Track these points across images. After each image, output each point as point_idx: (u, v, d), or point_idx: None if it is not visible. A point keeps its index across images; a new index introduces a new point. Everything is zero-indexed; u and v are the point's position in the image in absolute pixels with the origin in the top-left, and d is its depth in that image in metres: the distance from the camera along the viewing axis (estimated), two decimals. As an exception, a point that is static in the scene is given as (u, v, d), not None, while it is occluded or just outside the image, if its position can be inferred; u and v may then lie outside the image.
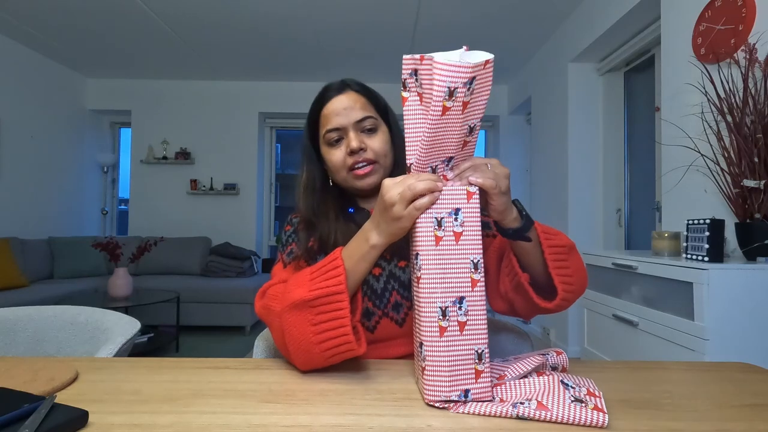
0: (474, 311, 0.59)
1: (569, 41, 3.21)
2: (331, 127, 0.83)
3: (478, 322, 0.59)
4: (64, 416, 0.49)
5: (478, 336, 0.59)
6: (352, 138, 0.82)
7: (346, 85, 0.86)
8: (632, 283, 1.68)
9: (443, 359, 0.57)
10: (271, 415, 0.53)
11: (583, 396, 0.56)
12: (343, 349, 0.63)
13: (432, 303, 0.58)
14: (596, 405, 0.53)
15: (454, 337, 0.58)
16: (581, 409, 0.52)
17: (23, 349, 1.08)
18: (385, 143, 0.85)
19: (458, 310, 0.59)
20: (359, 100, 0.84)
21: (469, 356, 0.58)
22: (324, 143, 0.85)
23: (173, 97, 4.75)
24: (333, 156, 0.84)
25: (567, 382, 0.60)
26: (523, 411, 0.53)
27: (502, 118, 4.76)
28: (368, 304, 0.82)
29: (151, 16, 3.26)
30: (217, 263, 4.17)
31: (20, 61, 3.83)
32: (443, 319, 0.58)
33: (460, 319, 0.59)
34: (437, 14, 3.19)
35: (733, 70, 1.64)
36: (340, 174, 0.85)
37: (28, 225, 3.92)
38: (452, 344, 0.58)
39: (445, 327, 0.58)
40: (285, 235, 0.90)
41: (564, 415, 0.52)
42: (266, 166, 5.05)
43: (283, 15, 3.24)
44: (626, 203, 3.02)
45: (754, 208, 1.49)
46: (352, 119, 0.82)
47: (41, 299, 3.11)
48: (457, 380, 0.57)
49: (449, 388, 0.57)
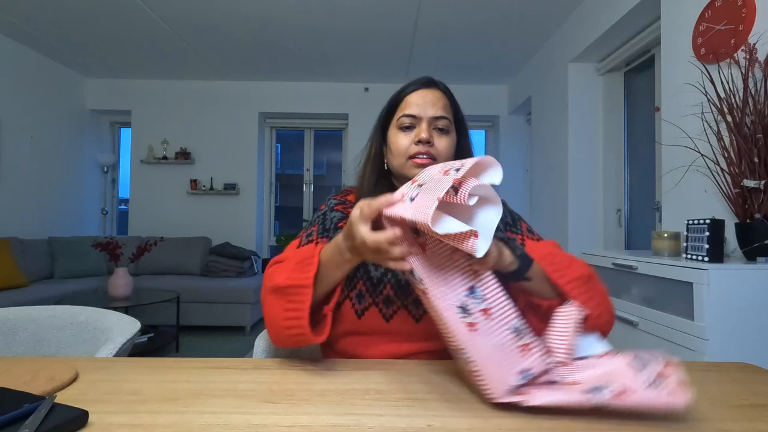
0: (490, 293, 0.58)
1: (569, 41, 3.21)
2: (409, 112, 0.86)
3: (500, 300, 0.58)
4: (64, 416, 0.49)
5: (506, 314, 0.57)
6: (423, 129, 0.84)
7: (433, 82, 0.89)
8: (632, 283, 1.68)
9: (486, 352, 0.56)
10: (271, 415, 0.54)
11: (655, 378, 0.53)
12: (301, 337, 0.69)
13: (449, 307, 0.57)
14: (672, 385, 0.51)
15: (486, 326, 0.56)
16: (658, 393, 0.50)
17: (23, 349, 1.08)
18: (450, 148, 0.87)
19: (474, 299, 0.58)
20: (442, 99, 0.87)
21: (508, 337, 0.56)
22: (395, 126, 0.88)
23: (173, 97, 4.75)
24: (400, 140, 0.86)
25: (636, 363, 0.57)
26: (599, 399, 0.52)
27: (502, 118, 4.76)
28: (390, 292, 0.82)
29: (151, 16, 3.26)
30: (217, 263, 4.17)
31: (20, 61, 3.83)
32: (468, 315, 0.57)
33: (481, 306, 0.57)
34: (437, 14, 3.19)
35: (733, 70, 1.64)
36: (399, 159, 0.86)
37: (28, 225, 3.92)
38: (487, 334, 0.56)
39: (473, 322, 0.57)
40: (315, 214, 0.94)
41: (642, 400, 0.50)
42: (266, 166, 5.05)
43: (283, 15, 3.24)
44: (626, 203, 3.02)
45: (754, 208, 1.49)
46: (430, 113, 0.85)
47: (41, 299, 3.11)
48: (508, 365, 0.55)
49: (506, 376, 0.55)
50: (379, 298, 0.82)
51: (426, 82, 0.89)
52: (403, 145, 0.85)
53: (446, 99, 0.88)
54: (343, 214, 0.92)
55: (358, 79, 4.64)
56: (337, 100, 4.74)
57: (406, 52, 3.89)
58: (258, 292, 3.81)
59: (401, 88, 0.90)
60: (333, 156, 5.33)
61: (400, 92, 0.90)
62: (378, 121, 0.93)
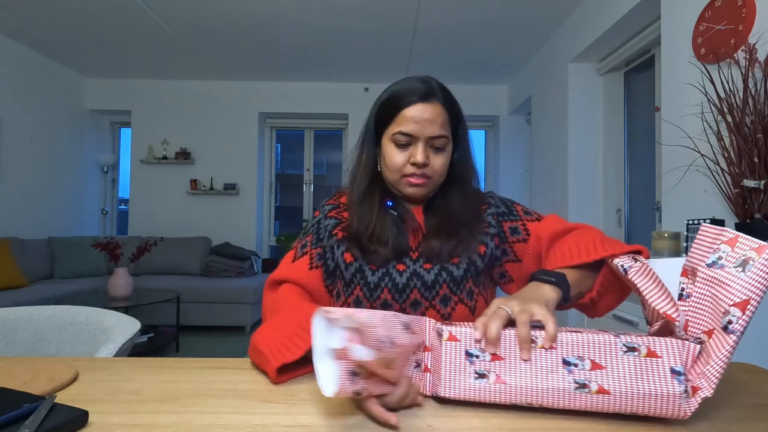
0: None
1: (569, 41, 3.21)
2: (405, 131, 0.82)
3: None
4: (64, 416, 0.49)
5: None
6: (419, 151, 0.81)
7: (433, 92, 0.83)
8: (632, 283, 1.68)
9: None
10: (271, 415, 0.53)
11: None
12: (263, 367, 0.67)
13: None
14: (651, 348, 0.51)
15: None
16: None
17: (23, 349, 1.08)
18: (444, 166, 0.85)
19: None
20: (442, 115, 0.83)
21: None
22: (390, 139, 0.84)
23: (173, 97, 4.75)
24: (395, 156, 0.83)
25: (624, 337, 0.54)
26: (579, 376, 0.52)
27: (502, 118, 4.76)
28: (388, 296, 0.83)
29: (151, 16, 3.26)
30: (217, 263, 4.17)
31: (20, 61, 3.83)
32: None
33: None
34: (437, 14, 3.19)
35: (733, 70, 1.64)
36: (393, 175, 0.85)
37: (28, 225, 3.91)
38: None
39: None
40: (311, 222, 0.93)
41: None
42: (266, 166, 5.05)
43: (283, 15, 3.24)
44: (626, 203, 3.02)
45: (754, 208, 1.49)
46: (428, 134, 0.81)
47: (41, 299, 3.11)
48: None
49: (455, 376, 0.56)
50: (377, 303, 0.83)
51: (424, 94, 0.82)
52: (398, 163, 0.83)
53: (446, 114, 0.83)
54: (337, 220, 0.91)
55: (357, 79, 4.64)
56: (337, 100, 4.74)
57: (406, 51, 3.89)
58: (258, 292, 3.81)
59: (397, 94, 0.84)
60: (333, 156, 5.33)
61: (396, 101, 0.83)
62: (371, 124, 0.89)
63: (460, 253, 0.84)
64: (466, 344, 0.56)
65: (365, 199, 0.88)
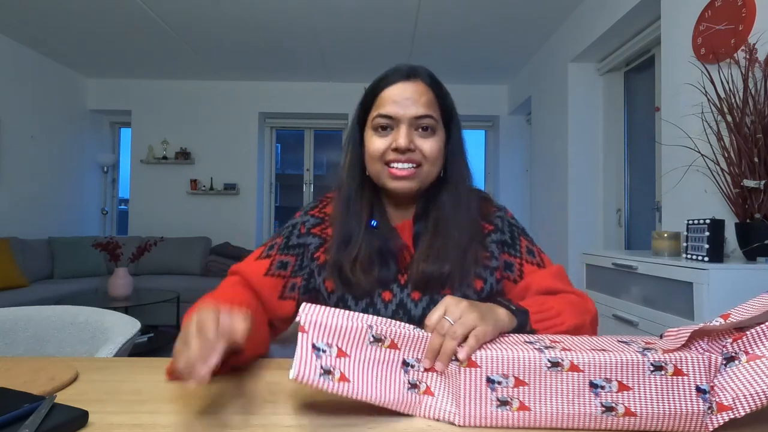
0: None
1: (569, 41, 3.21)
2: (384, 112, 0.73)
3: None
4: (64, 416, 0.49)
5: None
6: (402, 134, 0.72)
7: (416, 72, 0.75)
8: (632, 284, 1.68)
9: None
10: (271, 415, 0.53)
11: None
12: None
13: None
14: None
15: None
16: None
17: (23, 349, 1.08)
18: (438, 150, 0.75)
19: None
20: (426, 93, 0.74)
21: None
22: (370, 126, 0.76)
23: (173, 97, 4.75)
24: (374, 143, 0.74)
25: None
26: (606, 398, 0.50)
27: (502, 118, 4.76)
28: None
29: (151, 16, 3.26)
30: (217, 263, 4.17)
31: (20, 61, 3.83)
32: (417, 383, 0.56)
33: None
34: (437, 14, 3.19)
35: (733, 70, 1.64)
36: (375, 165, 0.76)
37: (28, 225, 3.91)
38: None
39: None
40: (287, 222, 0.86)
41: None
42: (266, 166, 5.06)
43: (283, 15, 3.24)
44: (626, 203, 3.02)
45: (754, 208, 1.49)
46: (410, 113, 0.72)
47: (41, 299, 3.11)
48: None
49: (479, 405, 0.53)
50: None
51: (407, 72, 0.74)
52: (378, 150, 0.74)
53: (431, 93, 0.75)
54: (320, 239, 0.81)
55: (357, 79, 4.64)
56: (336, 100, 4.74)
57: (406, 51, 3.89)
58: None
59: (378, 78, 0.76)
60: (333, 156, 5.34)
61: (375, 85, 0.76)
62: (355, 119, 0.81)
63: (453, 285, 0.75)
64: (487, 370, 0.52)
65: (350, 210, 0.78)
